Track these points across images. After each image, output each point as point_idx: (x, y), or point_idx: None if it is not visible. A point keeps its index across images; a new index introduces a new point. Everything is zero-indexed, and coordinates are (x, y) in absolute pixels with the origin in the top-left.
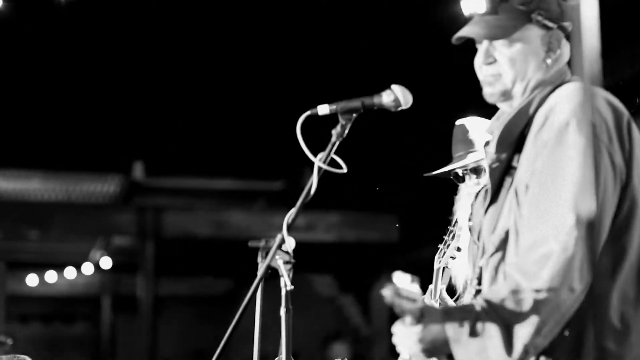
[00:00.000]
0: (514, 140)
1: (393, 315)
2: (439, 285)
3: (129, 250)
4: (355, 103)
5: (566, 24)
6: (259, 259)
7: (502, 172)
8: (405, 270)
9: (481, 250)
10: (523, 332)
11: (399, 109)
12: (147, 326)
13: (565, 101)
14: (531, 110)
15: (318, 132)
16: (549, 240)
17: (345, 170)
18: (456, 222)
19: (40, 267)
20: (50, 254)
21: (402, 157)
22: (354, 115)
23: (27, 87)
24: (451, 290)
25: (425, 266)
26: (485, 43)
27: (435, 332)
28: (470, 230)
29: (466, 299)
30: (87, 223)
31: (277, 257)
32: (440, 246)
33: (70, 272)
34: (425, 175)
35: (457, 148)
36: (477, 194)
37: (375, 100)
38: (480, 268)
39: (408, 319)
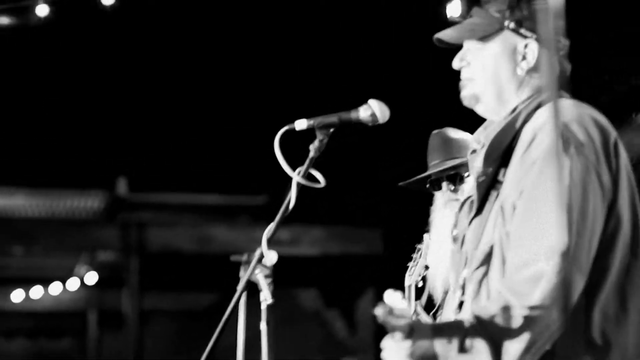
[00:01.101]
0: (500, 154)
1: (379, 329)
2: (412, 303)
3: (113, 265)
4: (332, 118)
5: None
6: (242, 274)
7: (488, 186)
8: (390, 283)
9: (464, 260)
10: (512, 350)
11: (377, 123)
12: (133, 341)
13: (551, 122)
14: (517, 124)
15: (298, 146)
16: (540, 261)
17: (323, 184)
18: (423, 240)
19: (24, 283)
20: (35, 269)
21: (384, 169)
22: (332, 130)
23: (9, 104)
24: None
25: None
26: (464, 46)
27: (424, 348)
28: (454, 239)
29: (448, 309)
30: (71, 239)
31: (257, 271)
32: (410, 264)
33: (55, 288)
34: (401, 184)
35: (433, 156)
36: (463, 203)
37: (353, 115)
38: (464, 279)
39: (397, 334)
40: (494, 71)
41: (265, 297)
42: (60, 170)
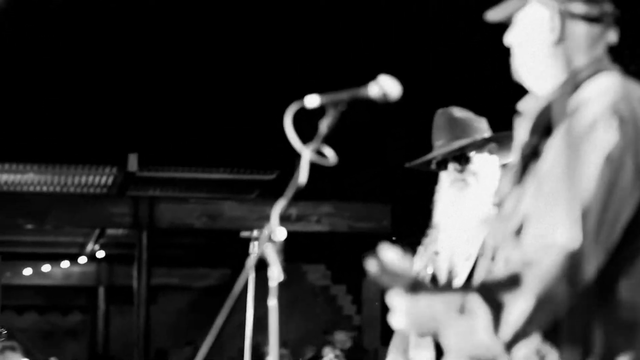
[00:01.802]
0: (544, 127)
1: (385, 305)
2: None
3: (123, 241)
4: (343, 95)
5: (580, 5)
6: (251, 250)
7: (530, 157)
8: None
9: (504, 228)
10: (514, 317)
11: (388, 100)
12: (142, 316)
13: (599, 95)
14: (564, 98)
15: (309, 123)
16: (556, 233)
17: (334, 161)
18: (434, 226)
19: (35, 259)
20: (46, 245)
21: (392, 147)
22: (342, 106)
23: (21, 81)
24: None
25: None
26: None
27: (422, 306)
28: (495, 205)
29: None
30: (82, 214)
31: (266, 247)
32: (420, 248)
33: (65, 263)
34: (407, 165)
35: (439, 136)
36: (506, 170)
37: (363, 91)
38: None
39: (397, 289)
40: (524, 45)
41: (275, 274)
42: (71, 147)
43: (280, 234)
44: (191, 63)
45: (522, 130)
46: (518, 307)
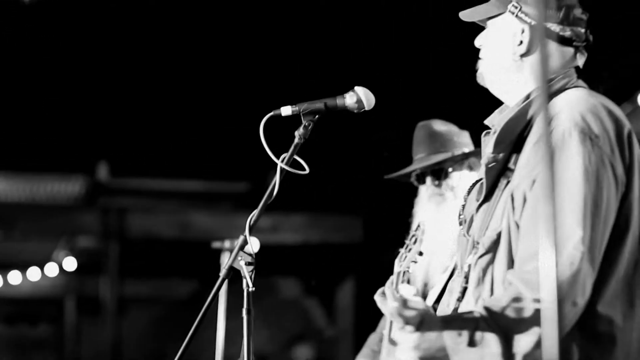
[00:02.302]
0: (512, 140)
1: (358, 317)
2: (399, 289)
3: (92, 251)
4: (318, 104)
5: (553, 25)
6: (223, 261)
7: (498, 172)
8: (369, 272)
9: (470, 245)
10: (523, 343)
11: (362, 110)
12: (112, 327)
13: (569, 109)
14: (530, 111)
15: (281, 133)
16: (555, 254)
17: (307, 171)
18: (419, 226)
19: (3, 268)
20: (14, 255)
21: (367, 158)
22: (317, 116)
23: None
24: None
25: (388, 268)
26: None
27: (432, 340)
28: (460, 223)
29: (451, 296)
30: (51, 224)
31: (239, 258)
32: (402, 250)
33: (34, 274)
34: (386, 177)
35: (419, 150)
36: (472, 186)
37: (339, 101)
38: (469, 266)
39: (408, 326)
40: (495, 52)
41: (248, 284)
42: (40, 154)
43: (254, 245)
44: (164, 73)
45: (487, 146)
46: (528, 339)
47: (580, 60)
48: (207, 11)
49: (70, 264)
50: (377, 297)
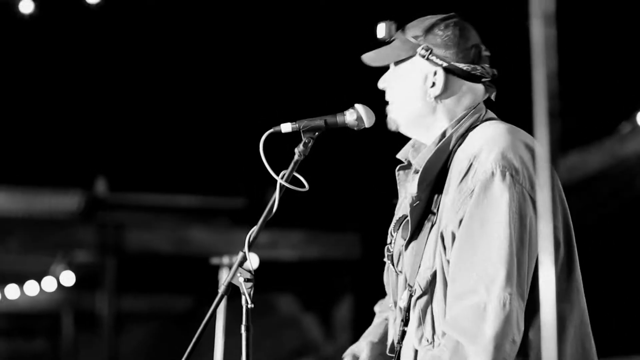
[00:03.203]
0: (432, 180)
1: (356, 333)
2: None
3: (90, 266)
4: (318, 121)
5: (463, 65)
6: (221, 277)
7: (422, 212)
8: (368, 288)
9: (402, 282)
10: None
11: (362, 128)
12: (108, 343)
13: (489, 148)
14: (449, 148)
15: (281, 149)
16: (478, 292)
17: (307, 188)
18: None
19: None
20: (11, 270)
21: (364, 175)
22: (317, 133)
23: None
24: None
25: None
26: (390, 69)
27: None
28: (389, 258)
29: (392, 336)
30: (48, 238)
31: (238, 274)
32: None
33: (31, 288)
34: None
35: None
36: (398, 223)
37: (339, 119)
38: (407, 306)
39: None
40: (406, 96)
41: (246, 301)
42: (39, 169)
43: (253, 261)
44: (163, 88)
45: (409, 184)
46: None
47: (492, 94)
48: (206, 26)
49: (68, 278)
50: None
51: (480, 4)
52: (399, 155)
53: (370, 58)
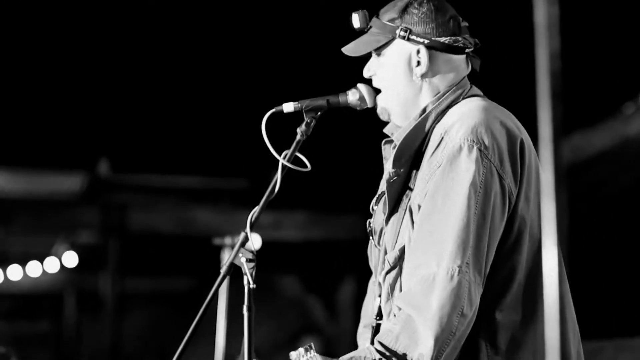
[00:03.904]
0: (411, 155)
1: (359, 314)
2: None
3: (92, 247)
4: (321, 101)
5: (444, 39)
6: (223, 257)
7: (400, 189)
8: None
9: (382, 257)
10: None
11: (365, 107)
12: (111, 324)
13: (460, 122)
14: (427, 125)
15: (283, 130)
16: (430, 265)
17: (309, 168)
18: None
19: (3, 264)
20: (13, 251)
21: (368, 156)
22: (319, 113)
23: None
24: None
25: None
26: (372, 57)
27: None
28: (370, 233)
29: (371, 311)
30: (51, 219)
31: (240, 254)
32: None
33: (33, 269)
34: None
35: None
36: (378, 198)
37: (341, 98)
38: (379, 282)
39: None
40: (393, 81)
41: (248, 281)
42: (41, 150)
43: (256, 241)
44: (165, 69)
45: (387, 165)
46: (425, 355)
47: (476, 64)
48: (208, 6)
49: (71, 259)
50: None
51: None
52: (385, 130)
53: (350, 49)
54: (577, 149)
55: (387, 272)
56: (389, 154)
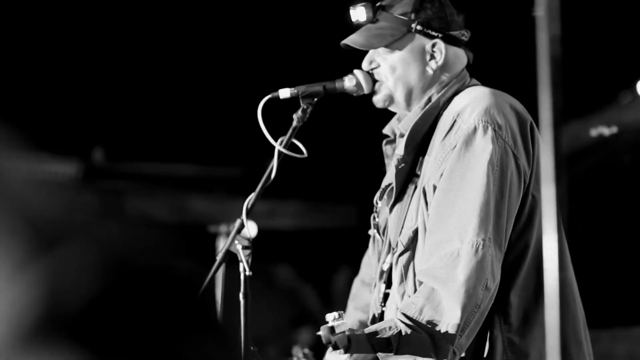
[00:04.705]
0: (419, 142)
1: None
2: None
3: None
4: (317, 87)
5: (455, 32)
6: (219, 244)
7: (406, 176)
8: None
9: (387, 247)
10: (448, 336)
11: (361, 94)
12: None
13: (472, 106)
14: (435, 113)
15: (279, 116)
16: (453, 240)
17: (305, 155)
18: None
19: None
20: None
21: (363, 145)
22: (316, 99)
23: None
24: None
25: None
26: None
27: (362, 357)
28: (375, 227)
29: (374, 300)
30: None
31: (236, 242)
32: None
33: None
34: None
35: None
36: (382, 192)
37: (337, 84)
38: (389, 267)
39: (338, 348)
40: (404, 73)
41: (244, 268)
42: (35, 138)
43: (252, 229)
44: (159, 56)
45: (398, 148)
46: (450, 326)
47: (470, 57)
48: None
49: None
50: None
51: None
52: (385, 130)
53: (360, 43)
54: (573, 137)
55: (400, 255)
56: (390, 153)
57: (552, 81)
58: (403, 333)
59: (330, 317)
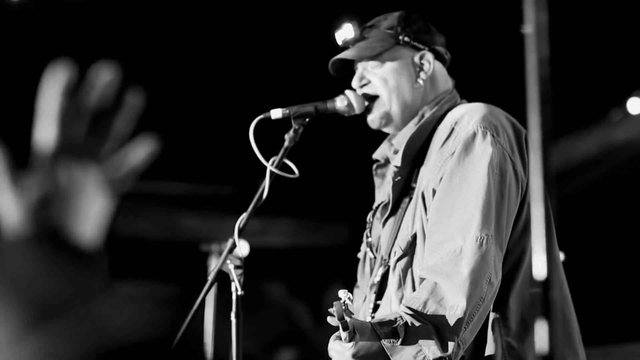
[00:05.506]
0: (414, 156)
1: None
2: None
3: None
4: (309, 107)
5: (439, 48)
6: (210, 264)
7: (401, 189)
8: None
9: (378, 263)
10: (454, 327)
11: (352, 114)
12: None
13: (470, 114)
14: (430, 127)
15: (271, 136)
16: (455, 239)
17: (297, 174)
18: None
19: None
20: None
21: (355, 163)
22: (307, 119)
23: None
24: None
25: None
26: (360, 67)
27: (368, 345)
28: (368, 245)
29: (363, 311)
30: None
31: (228, 261)
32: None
33: None
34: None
35: None
36: (375, 210)
37: (329, 105)
38: (380, 280)
39: (343, 335)
40: (396, 83)
41: (237, 288)
42: (23, 156)
43: (243, 248)
44: (152, 74)
45: (395, 162)
46: (455, 319)
47: (453, 82)
48: (195, 14)
49: None
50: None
51: None
52: (375, 155)
53: (350, 55)
54: (564, 155)
55: (398, 259)
56: (381, 177)
57: (541, 101)
58: (409, 324)
59: (342, 293)
